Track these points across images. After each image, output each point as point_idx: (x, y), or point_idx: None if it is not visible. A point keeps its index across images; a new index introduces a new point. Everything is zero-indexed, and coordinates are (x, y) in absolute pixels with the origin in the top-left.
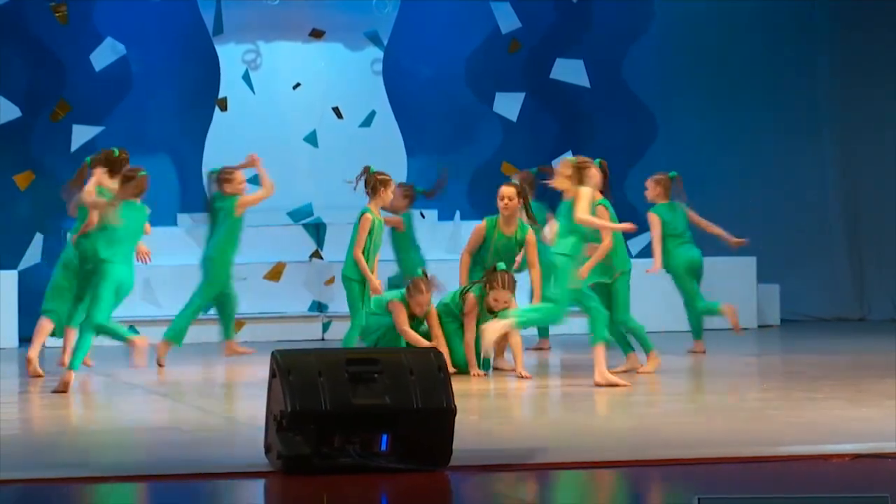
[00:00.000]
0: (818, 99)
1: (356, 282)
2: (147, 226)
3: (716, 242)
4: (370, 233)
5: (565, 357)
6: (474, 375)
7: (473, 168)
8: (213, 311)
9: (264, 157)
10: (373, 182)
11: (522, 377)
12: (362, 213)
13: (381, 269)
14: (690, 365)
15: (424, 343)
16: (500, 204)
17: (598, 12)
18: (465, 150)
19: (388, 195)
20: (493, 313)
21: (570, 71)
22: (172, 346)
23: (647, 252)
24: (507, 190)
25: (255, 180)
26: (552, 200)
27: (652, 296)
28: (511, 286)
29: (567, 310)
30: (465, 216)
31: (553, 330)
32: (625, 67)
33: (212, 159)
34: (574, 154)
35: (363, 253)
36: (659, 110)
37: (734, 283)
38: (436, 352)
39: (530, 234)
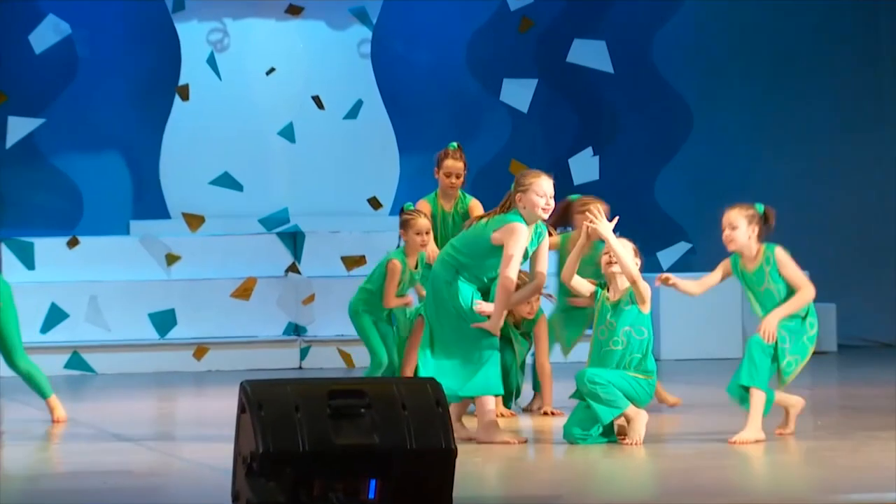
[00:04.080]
0: (883, 89)
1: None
2: None
3: None
4: None
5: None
6: (499, 415)
7: (477, 167)
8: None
9: (233, 154)
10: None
11: (552, 414)
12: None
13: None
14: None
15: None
16: (447, 181)
17: None
18: (467, 146)
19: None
20: (517, 326)
21: (590, 53)
22: None
23: (680, 266)
24: (454, 165)
25: (226, 182)
26: None
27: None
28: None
29: None
30: None
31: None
32: (655, 49)
33: (171, 157)
34: (594, 152)
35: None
36: (695, 101)
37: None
38: (433, 383)
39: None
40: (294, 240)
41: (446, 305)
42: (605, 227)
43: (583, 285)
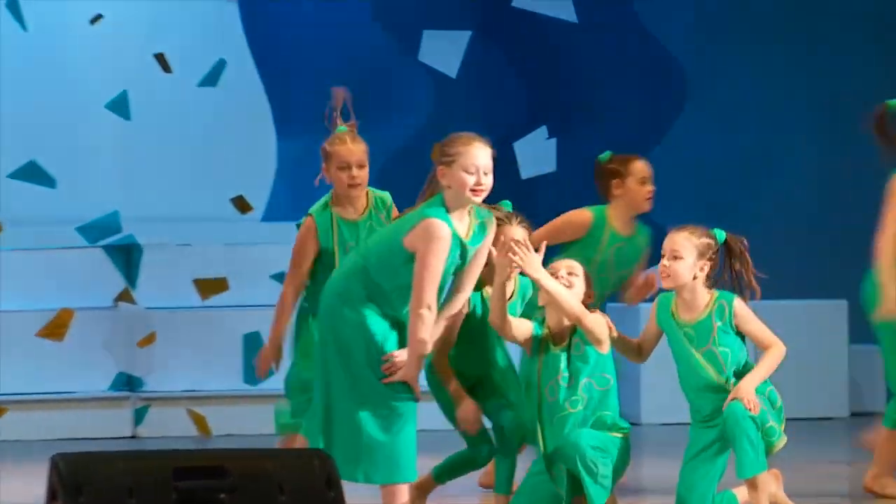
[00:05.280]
0: None
1: None
2: None
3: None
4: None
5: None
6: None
7: (387, 154)
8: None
9: (42, 136)
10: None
11: None
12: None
13: None
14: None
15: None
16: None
17: None
18: (374, 125)
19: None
20: None
21: None
22: None
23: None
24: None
25: (32, 174)
26: None
27: None
28: None
29: None
30: None
31: None
32: None
33: None
34: (550, 133)
35: None
36: (691, 64)
37: (814, 341)
38: (321, 455)
39: None
40: (128, 256)
41: (350, 345)
42: (533, 264)
43: (523, 329)
